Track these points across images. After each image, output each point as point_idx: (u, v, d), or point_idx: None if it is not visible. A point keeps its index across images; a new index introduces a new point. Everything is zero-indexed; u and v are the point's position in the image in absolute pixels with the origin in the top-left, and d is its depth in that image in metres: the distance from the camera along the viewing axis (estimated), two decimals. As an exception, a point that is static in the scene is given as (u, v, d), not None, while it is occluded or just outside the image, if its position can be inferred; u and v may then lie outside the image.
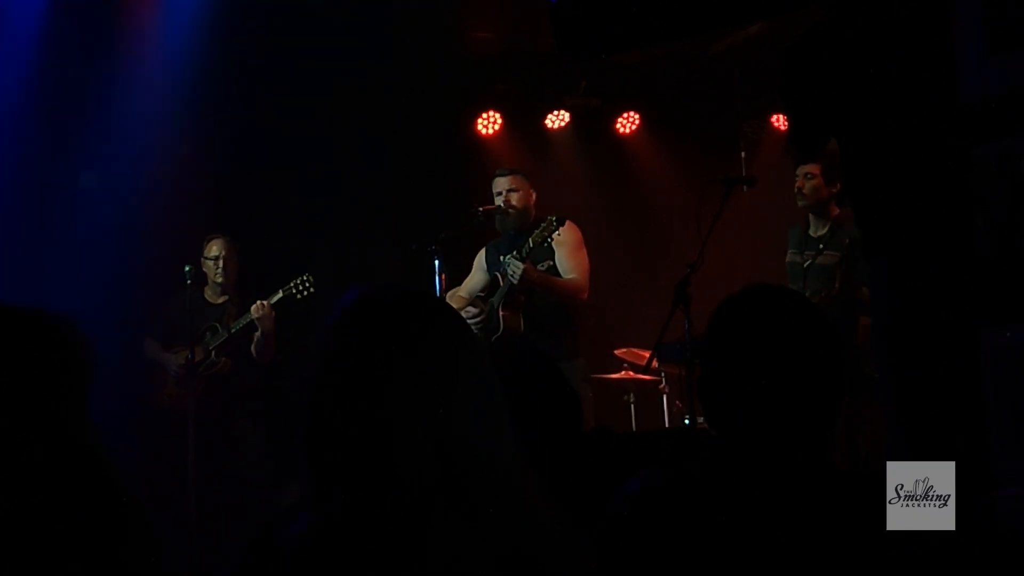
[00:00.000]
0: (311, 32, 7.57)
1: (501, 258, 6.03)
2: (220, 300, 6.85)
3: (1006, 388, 3.06)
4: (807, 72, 3.62)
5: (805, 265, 6.05)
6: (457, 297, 6.27)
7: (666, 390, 7.17)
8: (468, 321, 6.04)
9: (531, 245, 5.72)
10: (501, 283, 5.95)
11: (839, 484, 2.02)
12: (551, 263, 5.95)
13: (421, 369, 1.64)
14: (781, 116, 9.17)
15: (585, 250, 6.07)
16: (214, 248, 6.82)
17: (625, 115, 9.50)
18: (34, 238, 7.09)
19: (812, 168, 6.00)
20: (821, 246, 6.01)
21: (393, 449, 1.60)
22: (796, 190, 6.10)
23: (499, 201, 6.11)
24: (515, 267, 5.71)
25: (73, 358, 2.25)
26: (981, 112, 3.14)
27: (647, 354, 6.16)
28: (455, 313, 1.79)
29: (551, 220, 5.66)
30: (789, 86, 3.69)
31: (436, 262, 5.92)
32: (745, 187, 5.82)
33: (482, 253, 6.36)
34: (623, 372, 7.27)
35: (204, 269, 6.79)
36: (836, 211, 6.06)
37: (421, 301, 1.73)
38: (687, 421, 5.89)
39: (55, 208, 7.25)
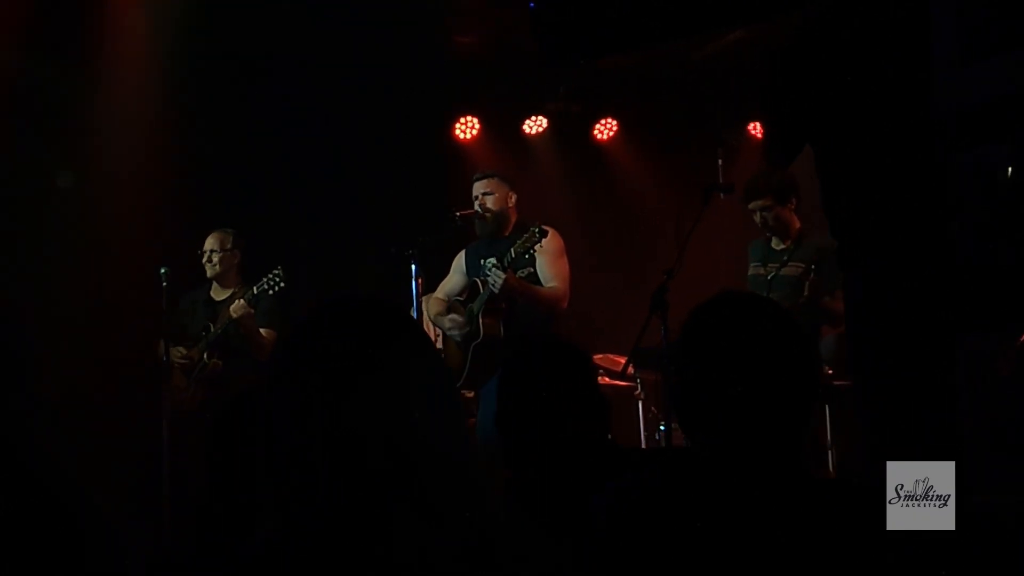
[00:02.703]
0: (290, 34, 7.56)
1: (481, 262, 6.03)
2: (223, 296, 6.81)
3: (981, 395, 3.07)
4: (788, 79, 3.63)
5: (769, 277, 6.07)
6: (435, 299, 6.27)
7: (641, 396, 7.16)
8: (451, 330, 6.04)
9: (513, 255, 5.71)
10: (481, 289, 5.95)
11: (814, 490, 2.02)
12: (531, 270, 5.94)
13: (379, 378, 1.65)
14: (759, 124, 9.19)
15: (566, 258, 6.07)
16: (206, 242, 6.80)
17: (603, 121, 9.52)
18: (11, 238, 7.06)
19: (764, 202, 6.01)
20: (785, 258, 6.03)
21: (354, 457, 1.61)
22: (761, 226, 6.13)
23: (476, 205, 6.11)
24: (496, 276, 5.70)
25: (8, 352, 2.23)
26: (958, 121, 3.16)
27: (623, 360, 6.16)
28: (412, 321, 1.82)
29: (534, 231, 5.62)
30: (769, 93, 3.70)
31: (413, 266, 5.92)
32: (723, 194, 5.82)
33: (461, 255, 6.36)
34: (599, 378, 7.26)
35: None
36: (797, 224, 6.10)
37: (378, 311, 1.75)
38: (662, 427, 5.89)
39: (32, 208, 7.22)
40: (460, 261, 6.35)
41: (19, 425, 2.18)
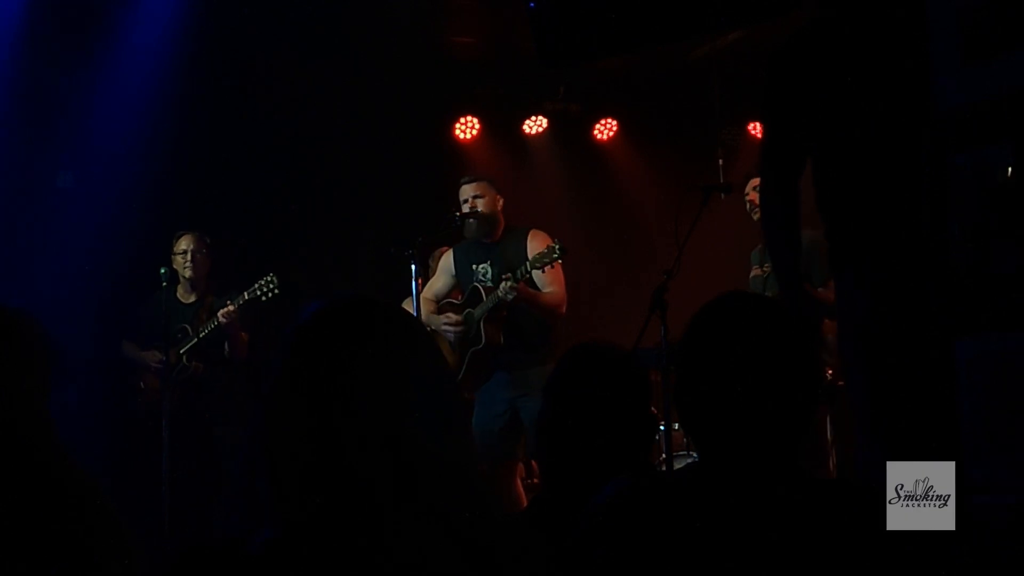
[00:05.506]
0: (290, 34, 7.57)
1: (473, 267, 6.08)
2: (191, 299, 6.79)
3: (980, 397, 3.07)
4: (787, 80, 3.63)
5: (765, 276, 6.12)
6: (424, 300, 6.26)
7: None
8: (446, 327, 6.05)
9: (528, 269, 5.74)
10: (484, 297, 5.94)
11: (814, 490, 2.02)
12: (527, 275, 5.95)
13: (371, 376, 1.66)
14: (758, 124, 9.20)
15: (560, 263, 6.08)
16: (182, 243, 6.77)
17: (602, 121, 9.54)
18: (11, 237, 7.07)
19: None
20: None
21: (347, 456, 1.61)
22: (749, 205, 6.16)
23: (466, 208, 6.11)
24: (506, 288, 5.71)
25: (34, 352, 2.24)
26: (956, 121, 3.15)
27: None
28: (407, 318, 1.81)
29: (553, 248, 5.67)
30: (771, 93, 3.69)
31: (413, 266, 5.91)
32: (723, 194, 5.83)
33: (448, 257, 6.35)
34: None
35: (174, 266, 6.72)
36: None
37: (371, 309, 1.75)
38: (662, 427, 5.89)
39: (32, 208, 7.23)
40: (448, 263, 6.34)
41: (43, 424, 2.19)
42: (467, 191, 6.13)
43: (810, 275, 5.76)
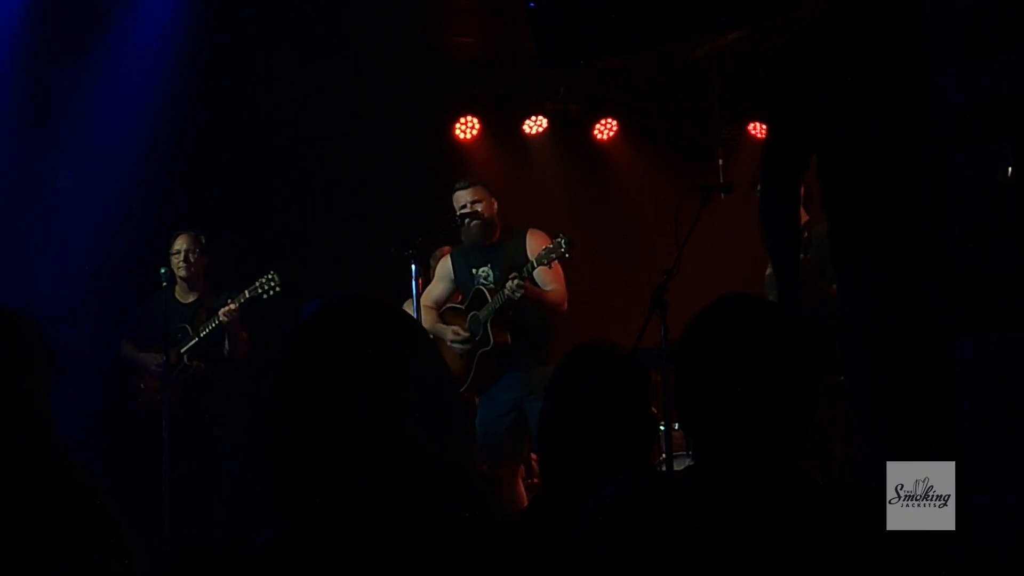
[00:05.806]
0: (290, 34, 7.57)
1: (472, 271, 6.07)
2: (190, 299, 6.78)
3: (980, 397, 3.07)
4: (788, 80, 3.63)
5: None
6: (425, 309, 6.24)
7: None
8: (454, 343, 6.04)
9: (535, 264, 5.76)
10: (490, 299, 5.93)
11: (813, 491, 2.02)
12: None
13: (371, 376, 1.66)
14: (758, 124, 9.20)
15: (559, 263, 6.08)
16: (177, 243, 6.76)
17: (603, 121, 9.54)
18: (11, 237, 7.07)
19: None
20: None
21: (347, 456, 1.62)
22: None
23: (463, 214, 6.09)
24: (513, 287, 5.71)
25: (34, 352, 2.24)
26: (956, 121, 3.15)
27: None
28: (407, 318, 1.82)
29: (560, 242, 5.67)
30: (771, 93, 3.69)
31: (413, 266, 5.91)
32: (723, 194, 5.82)
33: (446, 262, 6.33)
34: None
35: (172, 266, 6.72)
36: (805, 216, 6.09)
37: (371, 309, 1.75)
38: (662, 427, 5.89)
39: (32, 208, 7.23)
40: (446, 267, 6.31)
41: (43, 424, 2.19)
42: (463, 196, 6.10)
43: (823, 272, 5.74)
